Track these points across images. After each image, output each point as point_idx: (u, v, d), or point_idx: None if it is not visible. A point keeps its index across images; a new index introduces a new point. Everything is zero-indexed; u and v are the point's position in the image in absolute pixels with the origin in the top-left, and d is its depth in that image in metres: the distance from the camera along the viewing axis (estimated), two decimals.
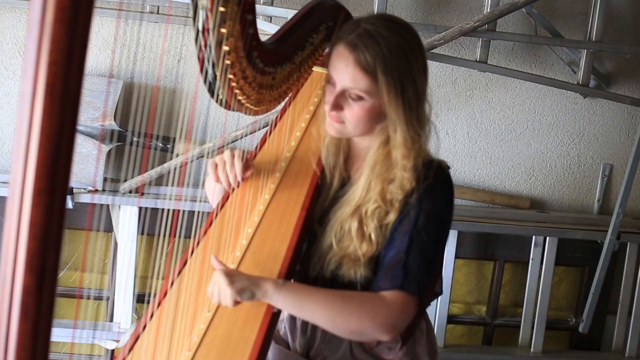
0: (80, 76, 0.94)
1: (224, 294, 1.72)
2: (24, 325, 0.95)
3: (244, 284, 1.73)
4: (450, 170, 1.95)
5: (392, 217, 1.85)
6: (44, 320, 0.97)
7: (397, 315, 1.78)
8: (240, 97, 1.82)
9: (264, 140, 2.15)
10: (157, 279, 1.94)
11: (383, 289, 1.80)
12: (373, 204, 1.86)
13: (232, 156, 2.00)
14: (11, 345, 0.96)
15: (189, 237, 1.97)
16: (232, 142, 2.82)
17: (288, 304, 1.76)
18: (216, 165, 2.02)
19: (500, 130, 3.14)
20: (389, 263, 1.82)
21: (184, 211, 2.02)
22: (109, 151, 2.86)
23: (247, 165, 2.00)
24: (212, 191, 2.12)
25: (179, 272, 1.93)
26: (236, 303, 1.73)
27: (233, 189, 2.02)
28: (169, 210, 1.84)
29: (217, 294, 1.74)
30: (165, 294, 1.89)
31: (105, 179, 2.92)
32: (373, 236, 1.86)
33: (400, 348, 1.93)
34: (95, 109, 2.80)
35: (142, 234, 2.93)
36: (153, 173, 2.86)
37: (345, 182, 1.99)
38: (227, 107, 1.83)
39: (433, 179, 1.84)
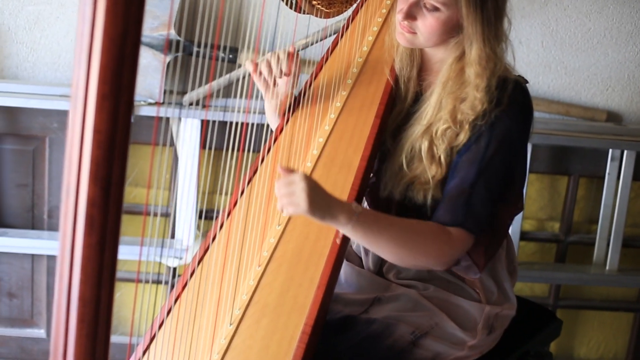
0: None
1: (296, 206, 1.60)
2: (89, 238, 0.92)
3: (320, 206, 1.62)
4: (527, 84, 1.88)
5: (461, 138, 1.79)
6: (110, 234, 0.93)
7: (458, 252, 1.78)
8: None
9: (335, 44, 2.07)
10: (223, 194, 1.88)
11: (444, 222, 1.77)
12: (444, 124, 1.80)
13: (272, 54, 1.94)
14: (76, 260, 0.93)
15: (255, 151, 1.92)
16: (303, 49, 2.72)
17: (358, 236, 1.71)
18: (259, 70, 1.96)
19: (576, 39, 3.01)
20: (452, 192, 1.78)
21: (252, 124, 1.94)
22: (169, 62, 2.79)
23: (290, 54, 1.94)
24: (270, 115, 2.06)
25: (249, 181, 1.88)
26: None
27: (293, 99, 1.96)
28: (233, 122, 1.79)
29: (287, 200, 1.61)
30: (235, 203, 1.84)
31: (165, 91, 2.86)
32: (442, 158, 1.81)
33: (481, 271, 1.88)
34: (154, 17, 2.72)
35: (205, 148, 2.87)
36: (215, 85, 2.78)
37: (419, 97, 1.93)
38: (298, 9, 1.79)
39: (507, 103, 1.78)
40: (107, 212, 0.92)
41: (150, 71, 2.76)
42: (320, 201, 1.62)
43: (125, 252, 2.82)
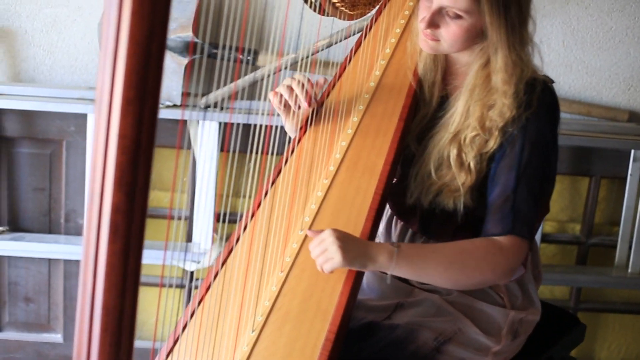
0: None
1: (332, 260, 1.62)
2: (113, 246, 0.90)
3: (356, 254, 1.63)
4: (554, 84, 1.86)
5: (491, 145, 1.77)
6: (134, 241, 0.91)
7: (515, 260, 1.74)
8: (334, 0, 1.73)
9: (358, 45, 2.04)
10: (246, 197, 1.86)
11: (493, 234, 1.74)
12: (472, 132, 1.78)
13: (292, 80, 1.91)
14: (100, 268, 0.90)
15: (278, 154, 1.90)
16: (327, 47, 2.69)
17: (404, 273, 1.70)
18: (280, 95, 1.93)
19: (597, 38, 2.97)
20: (496, 203, 1.76)
21: (275, 127, 1.92)
22: (187, 64, 2.77)
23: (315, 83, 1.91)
24: (289, 131, 2.04)
25: (272, 182, 1.86)
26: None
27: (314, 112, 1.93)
28: (256, 125, 1.78)
29: (322, 258, 1.63)
30: (259, 205, 1.82)
31: (183, 94, 2.83)
32: (472, 165, 1.79)
33: (525, 269, 1.86)
34: (172, 20, 2.69)
35: (228, 151, 2.84)
36: (240, 83, 2.75)
37: (445, 101, 1.90)
38: (321, 12, 1.77)
39: (536, 105, 1.76)
40: (132, 219, 0.90)
41: (168, 74, 2.74)
42: (354, 249, 1.62)
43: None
